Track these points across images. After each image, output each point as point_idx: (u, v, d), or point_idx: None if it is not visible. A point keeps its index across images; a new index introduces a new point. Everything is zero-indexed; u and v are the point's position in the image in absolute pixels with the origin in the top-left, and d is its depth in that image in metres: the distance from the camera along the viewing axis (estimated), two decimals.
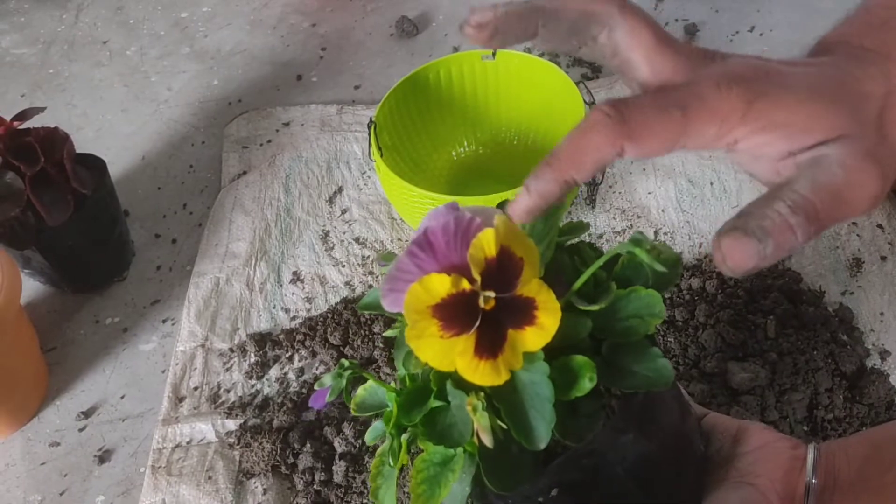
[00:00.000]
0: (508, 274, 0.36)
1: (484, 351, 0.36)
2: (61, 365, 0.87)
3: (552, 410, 0.37)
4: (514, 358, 0.37)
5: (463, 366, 0.36)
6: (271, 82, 1.19)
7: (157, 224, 1.01)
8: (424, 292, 0.36)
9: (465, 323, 0.36)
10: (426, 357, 0.37)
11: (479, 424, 0.38)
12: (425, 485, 0.40)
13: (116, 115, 1.18)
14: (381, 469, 0.45)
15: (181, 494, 0.74)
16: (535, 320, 0.36)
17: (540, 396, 0.38)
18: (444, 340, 0.36)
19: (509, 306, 0.37)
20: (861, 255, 0.84)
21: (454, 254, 0.37)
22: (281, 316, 0.88)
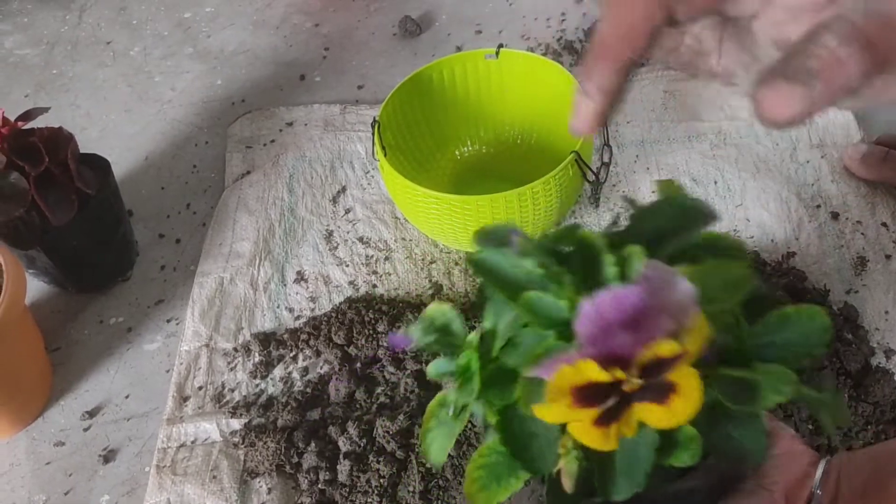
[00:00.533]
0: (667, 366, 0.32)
1: (603, 422, 0.33)
2: (66, 365, 0.87)
3: (644, 478, 0.35)
4: (628, 427, 0.34)
5: (576, 428, 0.33)
6: (274, 82, 1.19)
7: (160, 224, 1.01)
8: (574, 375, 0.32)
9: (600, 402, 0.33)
10: (542, 415, 0.33)
11: (566, 467, 0.35)
12: (484, 471, 0.38)
13: (120, 116, 1.18)
14: (438, 413, 0.41)
15: (186, 494, 0.74)
16: (670, 403, 0.33)
17: (637, 461, 0.35)
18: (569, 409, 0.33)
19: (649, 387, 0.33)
20: (866, 253, 0.84)
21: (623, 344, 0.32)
22: (285, 315, 0.88)
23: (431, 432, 0.42)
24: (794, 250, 0.85)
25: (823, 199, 0.90)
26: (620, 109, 0.35)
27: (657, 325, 0.32)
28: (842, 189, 0.90)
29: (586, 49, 1.14)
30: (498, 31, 1.22)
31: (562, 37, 1.19)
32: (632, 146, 1.00)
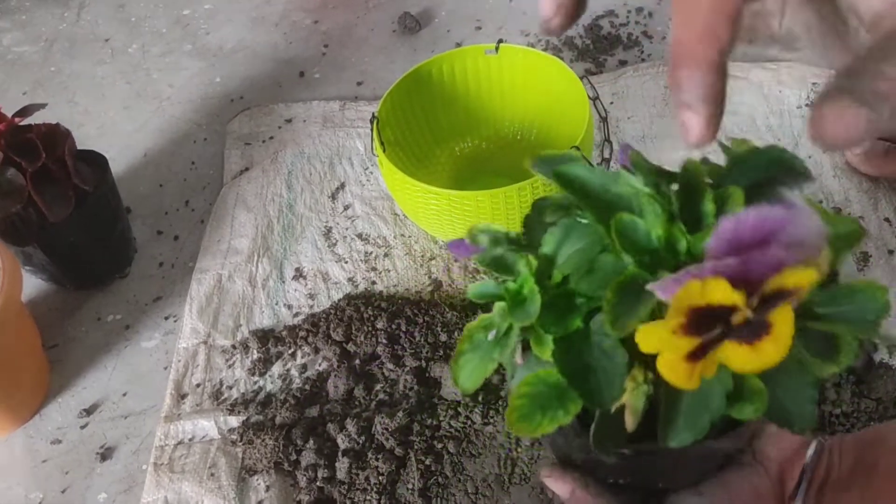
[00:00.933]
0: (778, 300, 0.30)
1: (694, 357, 0.31)
2: (63, 362, 0.86)
3: (708, 425, 0.34)
4: (711, 367, 0.32)
5: (667, 362, 0.31)
6: (273, 79, 1.19)
7: (159, 221, 1.00)
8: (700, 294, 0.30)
9: (705, 331, 0.31)
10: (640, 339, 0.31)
11: (631, 403, 0.34)
12: (527, 400, 0.36)
13: (118, 113, 1.17)
14: (475, 335, 0.39)
15: (183, 492, 0.73)
16: (759, 343, 0.31)
17: (705, 406, 0.34)
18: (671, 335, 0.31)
19: (749, 323, 0.31)
20: (868, 248, 0.83)
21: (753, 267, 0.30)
22: (283, 312, 0.88)
23: (465, 355, 0.39)
24: None
25: (825, 195, 0.89)
26: None
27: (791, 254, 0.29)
28: (844, 185, 0.90)
29: (587, 45, 1.14)
30: (498, 27, 1.22)
31: None
32: (633, 142, 0.99)
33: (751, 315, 0.30)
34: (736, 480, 0.46)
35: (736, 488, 0.45)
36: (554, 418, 0.35)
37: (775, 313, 0.30)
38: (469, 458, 0.71)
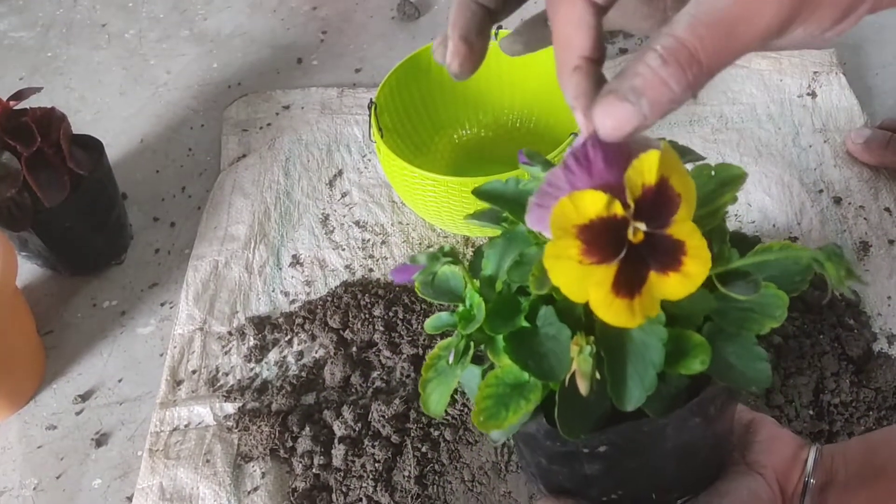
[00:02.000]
0: (663, 208, 0.33)
1: (622, 288, 0.33)
2: (58, 348, 0.86)
3: (654, 378, 0.35)
4: (650, 304, 0.33)
5: (598, 299, 0.33)
6: (271, 65, 1.18)
7: (155, 207, 1.00)
8: (574, 209, 0.32)
9: (609, 252, 0.33)
10: (559, 281, 0.33)
11: (580, 368, 0.35)
12: (491, 401, 0.38)
13: (115, 98, 1.16)
14: (437, 363, 0.42)
15: (179, 478, 0.73)
16: (682, 266, 0.33)
17: (646, 359, 0.35)
18: (582, 266, 0.32)
19: (657, 245, 0.33)
20: (868, 238, 0.83)
21: (611, 173, 0.33)
22: (280, 299, 0.87)
23: (431, 383, 0.41)
24: (795, 235, 0.84)
25: (826, 184, 0.89)
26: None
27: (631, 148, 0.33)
28: (844, 174, 0.89)
29: None
30: None
31: None
32: None
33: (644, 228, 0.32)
34: (733, 488, 0.46)
35: (734, 495, 0.45)
36: (517, 409, 0.37)
37: (678, 229, 0.33)
38: (465, 446, 0.71)
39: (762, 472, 0.47)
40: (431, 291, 0.43)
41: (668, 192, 0.33)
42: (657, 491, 0.45)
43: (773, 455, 0.48)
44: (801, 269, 0.38)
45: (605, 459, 0.41)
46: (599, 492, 0.44)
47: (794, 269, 0.38)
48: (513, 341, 0.38)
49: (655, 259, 0.33)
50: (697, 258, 0.33)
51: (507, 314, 0.38)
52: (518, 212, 0.38)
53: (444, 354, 0.41)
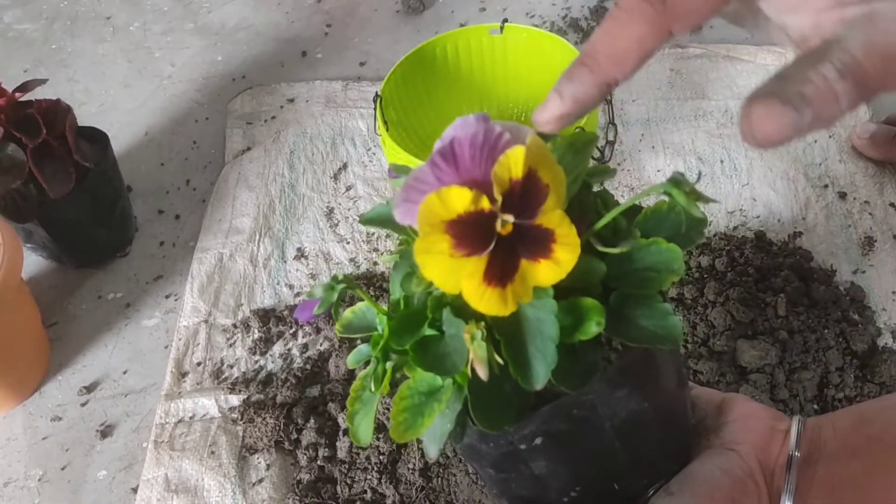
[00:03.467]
0: (532, 200, 0.34)
1: (493, 277, 0.34)
2: (63, 340, 0.86)
3: (554, 351, 0.35)
4: (523, 290, 0.34)
5: (469, 290, 0.34)
6: (276, 58, 1.18)
7: (160, 200, 1.00)
8: (441, 205, 0.33)
9: (479, 244, 0.33)
10: (431, 275, 0.34)
11: (476, 354, 0.35)
12: (407, 413, 0.38)
13: (119, 91, 1.16)
14: (361, 394, 0.42)
15: (184, 469, 0.73)
16: (552, 254, 0.34)
17: (543, 335, 0.36)
18: (453, 259, 0.33)
19: (527, 235, 0.34)
20: (873, 233, 0.83)
21: (478, 169, 0.34)
22: (285, 292, 0.87)
23: (358, 414, 0.42)
24: (800, 230, 0.84)
25: (831, 179, 0.89)
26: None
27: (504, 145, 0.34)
28: (850, 169, 0.89)
29: (591, 26, 1.13)
30: (502, 7, 1.21)
31: (567, 14, 1.17)
32: (637, 125, 0.98)
33: (513, 219, 0.33)
34: (705, 470, 0.45)
35: (706, 477, 0.44)
36: (431, 414, 0.38)
37: (547, 218, 0.33)
38: None
39: (737, 450, 0.45)
40: (350, 330, 0.44)
41: (536, 184, 0.33)
42: (617, 480, 0.44)
43: (747, 431, 0.46)
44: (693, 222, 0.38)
45: (546, 453, 0.41)
46: (557, 492, 0.44)
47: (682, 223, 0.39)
48: (418, 349, 0.38)
49: (526, 248, 0.34)
50: (566, 245, 0.34)
51: (412, 326, 0.39)
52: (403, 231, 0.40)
53: (367, 384, 0.42)
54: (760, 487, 0.44)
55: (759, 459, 0.45)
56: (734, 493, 0.43)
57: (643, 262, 0.38)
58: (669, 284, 0.37)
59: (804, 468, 0.45)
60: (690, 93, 1.01)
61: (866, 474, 0.43)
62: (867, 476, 0.43)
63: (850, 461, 0.44)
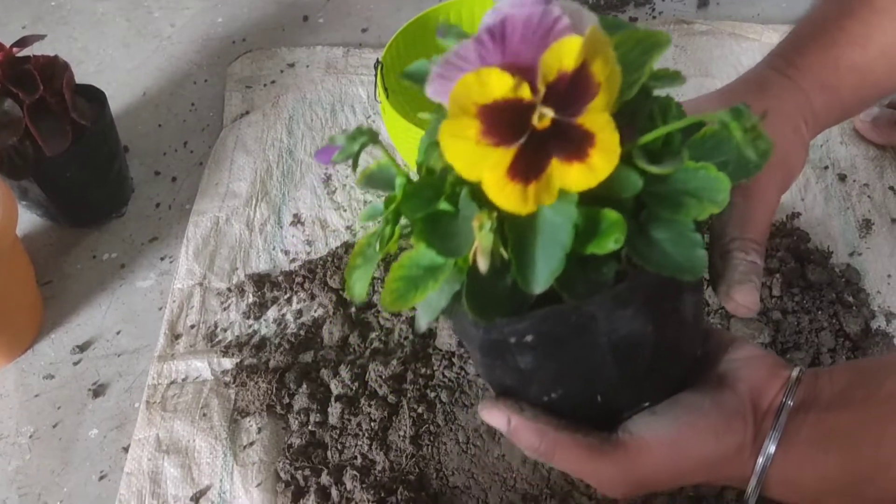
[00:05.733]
0: (578, 96, 0.31)
1: (518, 173, 0.32)
2: (57, 298, 0.86)
3: (562, 260, 0.34)
4: (547, 191, 0.32)
5: (491, 181, 0.32)
6: (277, 22, 1.17)
7: (157, 161, 0.99)
8: (478, 86, 0.31)
9: (510, 135, 0.31)
10: (454, 159, 0.32)
11: (480, 244, 0.34)
12: (402, 283, 0.37)
13: (118, 50, 1.15)
14: (365, 250, 0.41)
15: (175, 430, 0.73)
16: (588, 158, 0.31)
17: (555, 241, 0.34)
18: (478, 147, 0.31)
19: (564, 133, 0.32)
20: (871, 216, 0.83)
21: (526, 53, 0.31)
22: (280, 258, 0.87)
23: (357, 270, 0.41)
24: (799, 211, 0.84)
25: (831, 161, 0.88)
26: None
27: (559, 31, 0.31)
28: (850, 151, 0.89)
29: (597, 1, 1.12)
30: None
31: None
32: None
33: (553, 114, 0.31)
34: (695, 398, 0.45)
35: (695, 405, 0.44)
36: (425, 290, 0.36)
37: (591, 119, 0.31)
38: (461, 408, 0.71)
39: (734, 386, 0.45)
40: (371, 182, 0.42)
41: (587, 80, 0.31)
42: (602, 393, 0.43)
43: (748, 370, 0.46)
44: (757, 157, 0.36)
45: (535, 351, 0.39)
46: (538, 389, 0.43)
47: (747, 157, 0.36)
48: (428, 222, 0.36)
49: (560, 147, 0.32)
50: (605, 151, 0.32)
51: (427, 196, 0.37)
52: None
53: (373, 242, 0.40)
54: (748, 428, 0.44)
55: (752, 401, 0.45)
56: (719, 427, 0.43)
57: (686, 185, 0.36)
58: (707, 215, 0.35)
59: (794, 414, 0.44)
60: (694, 70, 1.00)
61: (858, 426, 0.43)
62: (859, 428, 0.43)
63: (842, 412, 0.44)
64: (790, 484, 0.44)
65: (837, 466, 0.43)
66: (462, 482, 0.68)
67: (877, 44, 0.55)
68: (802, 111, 0.54)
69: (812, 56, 0.55)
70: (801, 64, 0.55)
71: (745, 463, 0.44)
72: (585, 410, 0.44)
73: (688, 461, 0.44)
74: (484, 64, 0.32)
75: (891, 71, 0.57)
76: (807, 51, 0.56)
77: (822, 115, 0.55)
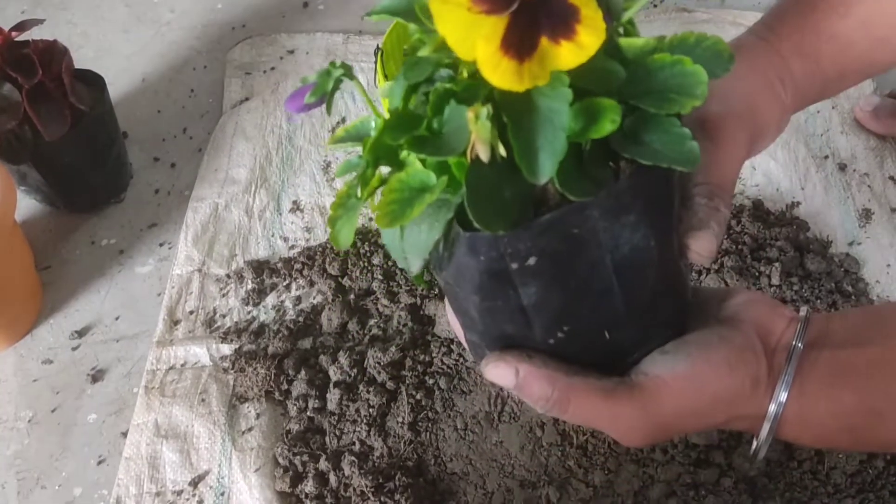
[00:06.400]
0: None
1: (511, 46, 0.32)
2: (55, 284, 0.86)
3: (564, 143, 0.34)
4: (541, 70, 0.32)
5: (485, 55, 0.32)
6: (277, 8, 1.16)
7: (156, 147, 0.99)
8: None
9: (500, 1, 0.32)
10: (446, 29, 0.32)
11: (478, 136, 0.34)
12: (396, 205, 0.37)
13: (117, 36, 1.15)
14: (346, 201, 0.41)
15: (174, 415, 0.73)
16: (575, 35, 0.32)
17: (554, 125, 0.34)
18: (470, 14, 0.31)
19: (550, 7, 0.32)
20: (871, 206, 0.83)
21: None
22: (279, 244, 0.87)
23: (340, 219, 0.41)
24: (798, 200, 0.84)
25: (832, 150, 0.88)
26: None
27: None
28: (851, 141, 0.89)
29: None
30: None
31: None
32: None
33: None
34: (703, 335, 0.44)
35: (704, 342, 0.43)
36: (421, 203, 0.36)
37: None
38: (460, 395, 0.71)
39: (739, 326, 0.45)
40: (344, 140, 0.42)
41: None
42: (609, 328, 0.42)
43: (750, 310, 0.45)
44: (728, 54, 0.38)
45: (538, 277, 0.38)
46: (543, 331, 0.41)
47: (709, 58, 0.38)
48: (416, 140, 0.36)
49: (548, 24, 0.33)
50: (591, 28, 0.32)
51: (408, 124, 0.37)
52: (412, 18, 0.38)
53: (352, 191, 0.40)
54: (760, 361, 0.43)
55: (760, 336, 0.44)
56: (731, 359, 0.43)
57: (664, 84, 0.37)
58: (690, 109, 0.36)
59: (807, 353, 0.43)
60: None
61: (874, 363, 0.43)
62: (875, 365, 0.42)
63: (857, 350, 0.43)
64: (804, 423, 0.43)
65: (852, 403, 0.42)
66: (460, 468, 0.68)
67: (856, 12, 0.54)
68: (778, 70, 0.53)
69: (791, 22, 0.55)
70: (779, 30, 0.54)
71: (761, 399, 0.43)
72: (594, 352, 0.43)
73: (706, 397, 0.43)
74: None
75: (871, 45, 0.56)
76: (786, 17, 0.55)
77: (802, 81, 0.54)
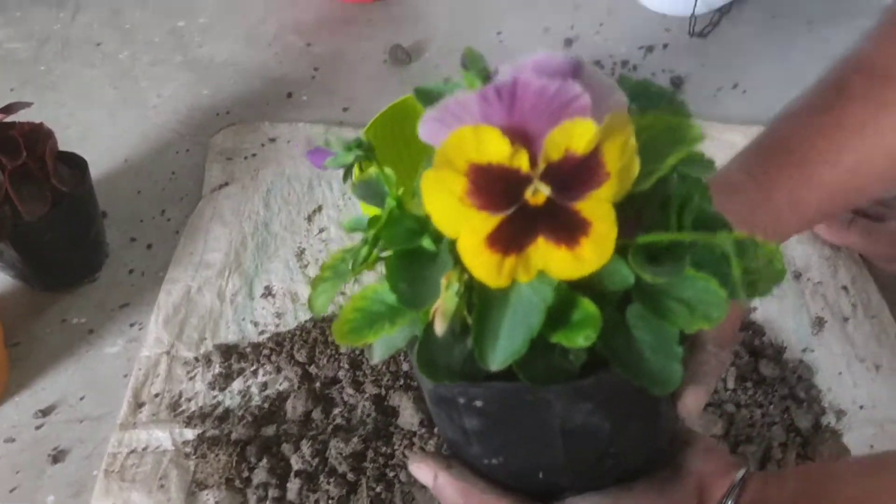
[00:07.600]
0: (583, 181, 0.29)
1: (498, 242, 0.29)
2: (24, 361, 0.86)
3: (525, 344, 0.31)
4: (525, 268, 0.30)
5: (467, 244, 0.29)
6: (261, 97, 1.20)
7: (133, 228, 1.01)
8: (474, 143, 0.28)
9: (498, 203, 0.29)
10: (432, 209, 0.30)
11: (443, 304, 0.32)
12: (360, 315, 0.35)
13: (103, 117, 1.18)
14: (338, 266, 0.39)
15: (132, 500, 0.73)
16: (577, 247, 0.29)
17: (524, 321, 0.31)
18: (461, 205, 0.29)
19: (558, 215, 0.29)
20: (824, 314, 0.86)
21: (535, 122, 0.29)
22: (249, 329, 0.88)
23: (325, 283, 0.39)
24: (754, 305, 0.87)
25: (788, 259, 0.92)
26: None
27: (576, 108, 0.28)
28: (806, 250, 0.92)
29: None
30: None
31: None
32: None
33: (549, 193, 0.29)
34: (643, 487, 0.44)
35: (642, 494, 0.44)
36: (379, 331, 0.35)
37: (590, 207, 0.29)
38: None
39: (686, 479, 0.45)
40: (363, 189, 0.40)
41: (596, 167, 0.29)
42: (545, 472, 0.42)
43: (699, 463, 0.46)
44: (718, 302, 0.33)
45: (483, 417, 0.38)
46: (480, 451, 0.42)
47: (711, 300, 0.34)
48: (403, 259, 0.34)
49: (550, 228, 0.29)
50: (598, 244, 0.29)
51: (412, 229, 0.35)
52: None
53: (349, 258, 0.38)
54: None
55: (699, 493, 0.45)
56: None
57: (679, 293, 0.33)
58: (696, 330, 0.33)
59: None
60: None
61: None
62: None
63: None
64: None
65: None
66: None
67: (846, 162, 0.59)
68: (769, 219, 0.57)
69: (786, 170, 0.59)
70: (773, 174, 0.58)
71: None
72: (525, 483, 0.43)
73: None
74: (485, 121, 0.29)
75: (859, 187, 0.60)
76: (782, 164, 0.59)
77: (786, 228, 0.59)
